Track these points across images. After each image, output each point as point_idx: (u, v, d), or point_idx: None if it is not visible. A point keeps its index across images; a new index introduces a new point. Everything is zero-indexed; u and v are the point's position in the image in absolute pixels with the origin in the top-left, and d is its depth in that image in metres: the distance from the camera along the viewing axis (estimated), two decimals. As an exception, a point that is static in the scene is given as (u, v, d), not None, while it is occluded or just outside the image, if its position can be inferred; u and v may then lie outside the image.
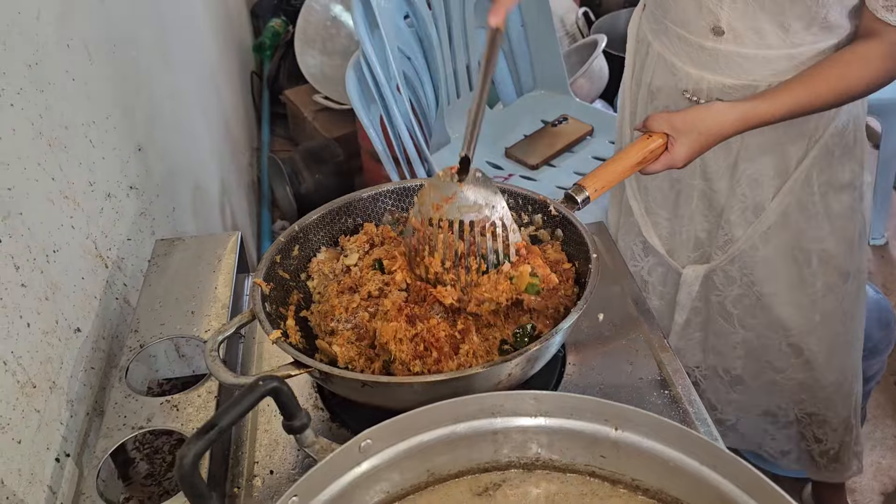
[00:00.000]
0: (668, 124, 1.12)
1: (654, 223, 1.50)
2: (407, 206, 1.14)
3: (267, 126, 3.18)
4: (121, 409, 0.96)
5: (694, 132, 1.12)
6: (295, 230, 1.05)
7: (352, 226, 1.12)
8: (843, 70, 1.13)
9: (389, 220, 1.13)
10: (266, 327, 0.91)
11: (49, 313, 0.98)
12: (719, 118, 1.13)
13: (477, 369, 0.83)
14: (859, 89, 1.14)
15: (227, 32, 2.95)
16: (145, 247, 1.34)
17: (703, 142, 1.13)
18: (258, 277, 0.97)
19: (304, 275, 1.06)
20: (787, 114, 1.14)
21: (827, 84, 1.13)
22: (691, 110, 1.14)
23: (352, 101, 1.89)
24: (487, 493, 0.77)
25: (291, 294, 1.03)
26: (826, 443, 1.64)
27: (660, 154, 1.13)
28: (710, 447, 0.71)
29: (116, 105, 1.37)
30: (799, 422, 1.62)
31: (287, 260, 1.03)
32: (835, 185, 1.33)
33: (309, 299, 1.05)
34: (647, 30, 1.35)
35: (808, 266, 1.40)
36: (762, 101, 1.14)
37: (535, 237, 1.09)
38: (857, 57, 1.13)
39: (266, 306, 0.94)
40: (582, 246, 1.02)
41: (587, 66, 2.70)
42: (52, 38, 1.12)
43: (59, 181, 1.07)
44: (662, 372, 1.06)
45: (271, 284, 0.99)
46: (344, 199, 1.11)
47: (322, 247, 1.09)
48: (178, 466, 0.58)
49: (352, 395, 0.92)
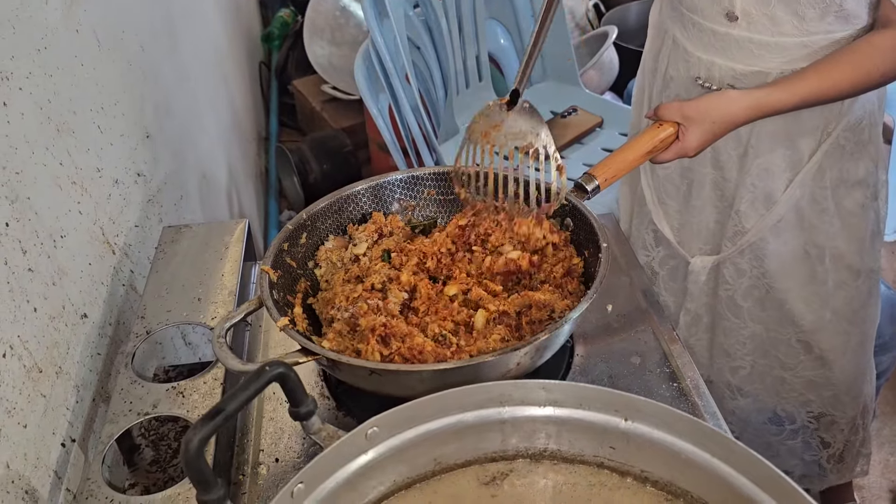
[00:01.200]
0: (680, 113, 1.11)
1: (665, 213, 1.49)
2: (415, 195, 1.13)
3: (275, 116, 3.18)
4: (127, 395, 0.96)
5: (706, 121, 1.10)
6: (303, 218, 1.05)
7: (359, 215, 1.11)
8: (858, 60, 1.11)
9: (398, 209, 1.12)
10: (273, 314, 0.91)
11: (56, 298, 0.98)
12: (731, 106, 1.11)
13: (486, 357, 0.83)
14: (874, 79, 1.12)
15: (236, 22, 2.94)
16: (153, 234, 1.34)
17: (716, 130, 1.12)
18: (266, 265, 0.96)
19: (312, 263, 1.06)
20: (800, 102, 1.13)
21: (841, 73, 1.11)
22: (703, 98, 1.13)
23: (360, 91, 1.88)
24: (495, 483, 0.76)
25: (299, 282, 1.02)
26: (833, 446, 1.62)
27: (671, 143, 1.12)
28: (722, 439, 0.70)
29: (125, 91, 1.36)
30: (805, 427, 1.61)
31: (295, 248, 1.03)
32: (847, 181, 1.32)
33: (316, 287, 1.04)
34: (667, 17, 1.34)
35: (821, 263, 1.38)
36: (775, 90, 1.13)
37: None
38: (872, 46, 1.11)
39: (273, 294, 0.94)
40: (592, 235, 1.01)
41: (597, 57, 2.69)
42: (60, 23, 1.12)
43: (66, 166, 1.07)
44: (671, 364, 1.05)
45: (279, 272, 0.98)
46: (352, 186, 1.10)
47: (330, 235, 1.08)
48: (184, 451, 0.57)
49: (359, 383, 0.91)
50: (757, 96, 1.12)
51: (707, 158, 1.35)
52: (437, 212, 1.15)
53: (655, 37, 1.41)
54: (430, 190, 1.14)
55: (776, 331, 1.48)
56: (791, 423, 1.61)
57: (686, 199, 1.44)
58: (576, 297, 0.99)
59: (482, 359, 0.83)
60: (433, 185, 1.14)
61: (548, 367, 1.04)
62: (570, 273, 1.00)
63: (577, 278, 1.01)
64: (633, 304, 1.15)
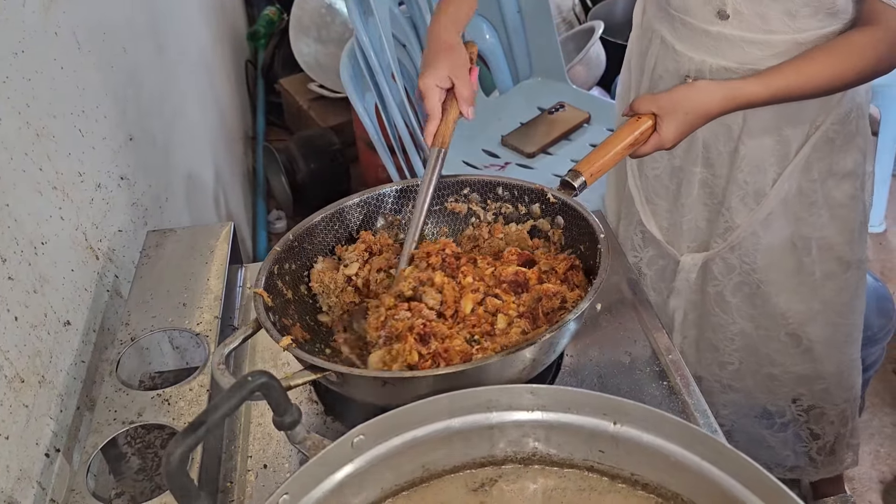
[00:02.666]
0: (655, 105, 1.11)
1: (654, 212, 1.49)
2: (400, 209, 1.11)
3: (262, 115, 3.16)
4: (111, 403, 0.94)
5: (680, 112, 1.10)
6: (289, 239, 1.03)
7: (345, 234, 1.10)
8: (835, 57, 1.11)
9: (384, 225, 1.11)
10: (274, 335, 0.88)
11: (37, 306, 0.97)
12: (704, 97, 1.11)
13: (491, 359, 0.81)
14: (850, 77, 1.12)
15: (221, 20, 2.92)
16: (138, 238, 1.33)
17: (691, 121, 1.11)
18: (258, 288, 0.94)
19: (304, 287, 1.04)
20: (774, 97, 1.13)
21: (818, 70, 1.11)
22: (677, 90, 1.13)
23: (346, 89, 1.87)
24: (483, 489, 0.76)
25: (290, 306, 1.00)
26: (823, 437, 1.63)
27: (650, 135, 1.12)
28: (711, 441, 0.70)
29: (107, 94, 1.35)
30: (795, 420, 1.61)
31: (283, 270, 1.01)
32: (836, 173, 1.32)
33: (307, 308, 1.03)
34: (653, 17, 1.33)
35: (808, 254, 1.38)
36: (749, 83, 1.13)
37: (536, 228, 1.07)
38: (851, 44, 1.11)
39: (270, 316, 0.92)
40: (586, 229, 1.00)
41: (584, 53, 2.68)
42: (38, 25, 1.10)
43: (46, 171, 1.06)
44: (661, 362, 1.04)
45: (271, 296, 0.96)
46: (334, 206, 1.08)
47: (318, 256, 1.07)
48: (165, 465, 0.56)
49: (369, 398, 0.89)
50: (731, 88, 1.12)
51: (698, 157, 1.35)
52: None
53: (642, 36, 1.40)
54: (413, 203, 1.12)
55: (765, 328, 1.48)
56: (781, 417, 1.62)
57: (675, 198, 1.44)
58: (582, 288, 0.98)
59: (487, 360, 0.81)
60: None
61: (537, 367, 1.04)
62: (573, 268, 0.99)
63: (580, 271, 1.00)
64: (623, 303, 1.14)
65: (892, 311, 1.86)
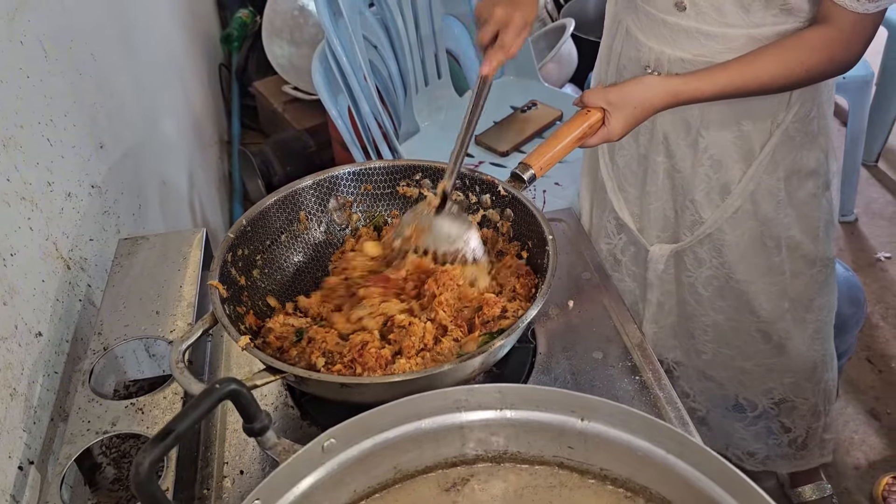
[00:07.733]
0: (604, 99, 1.13)
1: (625, 200, 1.50)
2: (353, 191, 1.14)
3: (237, 119, 3.13)
4: (85, 413, 0.94)
5: (628, 106, 1.13)
6: (242, 224, 1.04)
7: (297, 217, 1.12)
8: (783, 54, 1.12)
9: (334, 206, 1.14)
10: (233, 334, 0.89)
11: (7, 318, 0.96)
12: (648, 92, 1.14)
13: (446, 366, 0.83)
14: (798, 75, 1.13)
15: (193, 24, 2.90)
16: (110, 246, 1.32)
17: (637, 115, 1.14)
18: (213, 279, 0.95)
19: (257, 271, 1.05)
20: (720, 93, 1.15)
21: (764, 66, 1.13)
22: (624, 84, 1.15)
23: (319, 92, 1.87)
24: (455, 489, 0.76)
25: (242, 293, 1.01)
26: (794, 431, 1.65)
27: (598, 128, 1.14)
28: (676, 436, 0.71)
29: (75, 102, 1.34)
30: (767, 414, 1.63)
31: (236, 257, 1.02)
32: (799, 172, 1.34)
33: (259, 292, 1.04)
34: (622, 7, 1.35)
35: (778, 253, 1.40)
36: (694, 78, 1.15)
37: (486, 218, 1.10)
38: (801, 41, 1.12)
39: (226, 308, 0.93)
40: (534, 226, 1.02)
41: (556, 50, 2.70)
42: (2, 34, 1.09)
43: (14, 182, 1.05)
44: (633, 358, 1.06)
45: (225, 286, 0.97)
46: (287, 188, 1.12)
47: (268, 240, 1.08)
48: (134, 475, 0.57)
49: (327, 395, 0.91)
50: (675, 83, 1.15)
51: (660, 146, 1.37)
52: (372, 206, 1.16)
53: (610, 27, 1.42)
54: (366, 185, 1.14)
55: (736, 320, 1.49)
56: (752, 411, 1.64)
57: (642, 187, 1.45)
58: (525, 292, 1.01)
59: (448, 365, 0.83)
60: (371, 180, 1.15)
61: (512, 366, 1.05)
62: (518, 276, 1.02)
63: (523, 277, 1.02)
64: (595, 299, 1.16)
65: (863, 300, 1.89)
